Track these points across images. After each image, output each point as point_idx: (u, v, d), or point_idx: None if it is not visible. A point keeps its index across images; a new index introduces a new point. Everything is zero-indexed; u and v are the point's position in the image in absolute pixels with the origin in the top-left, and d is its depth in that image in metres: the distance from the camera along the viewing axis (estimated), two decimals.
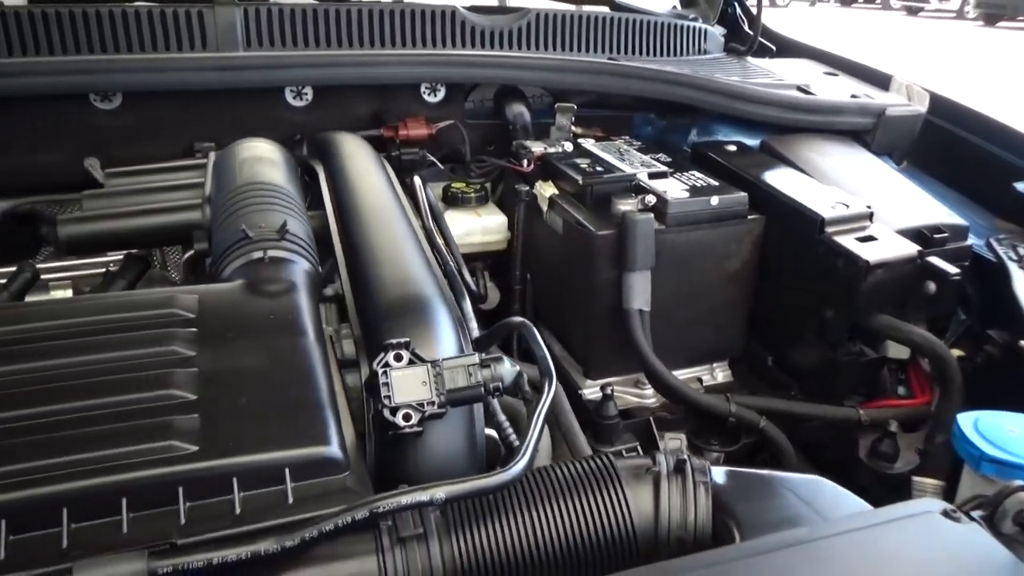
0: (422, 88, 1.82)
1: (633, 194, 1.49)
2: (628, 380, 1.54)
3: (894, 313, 1.37)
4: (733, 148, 1.74)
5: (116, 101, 1.63)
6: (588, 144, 1.74)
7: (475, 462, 0.91)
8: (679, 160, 1.66)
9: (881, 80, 1.97)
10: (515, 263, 1.70)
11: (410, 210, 1.34)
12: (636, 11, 2.08)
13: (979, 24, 16.53)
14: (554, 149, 1.69)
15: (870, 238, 1.38)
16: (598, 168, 1.57)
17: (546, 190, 1.58)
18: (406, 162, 1.73)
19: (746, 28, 2.29)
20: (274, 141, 1.46)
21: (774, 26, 2.36)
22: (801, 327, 1.48)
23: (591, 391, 1.52)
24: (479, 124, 1.91)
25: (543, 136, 1.83)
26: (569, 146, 1.71)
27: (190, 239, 1.17)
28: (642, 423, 1.46)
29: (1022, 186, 1.61)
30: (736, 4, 2.33)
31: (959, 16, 17.35)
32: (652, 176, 1.53)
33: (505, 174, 1.80)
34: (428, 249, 1.20)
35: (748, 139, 1.85)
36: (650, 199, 1.45)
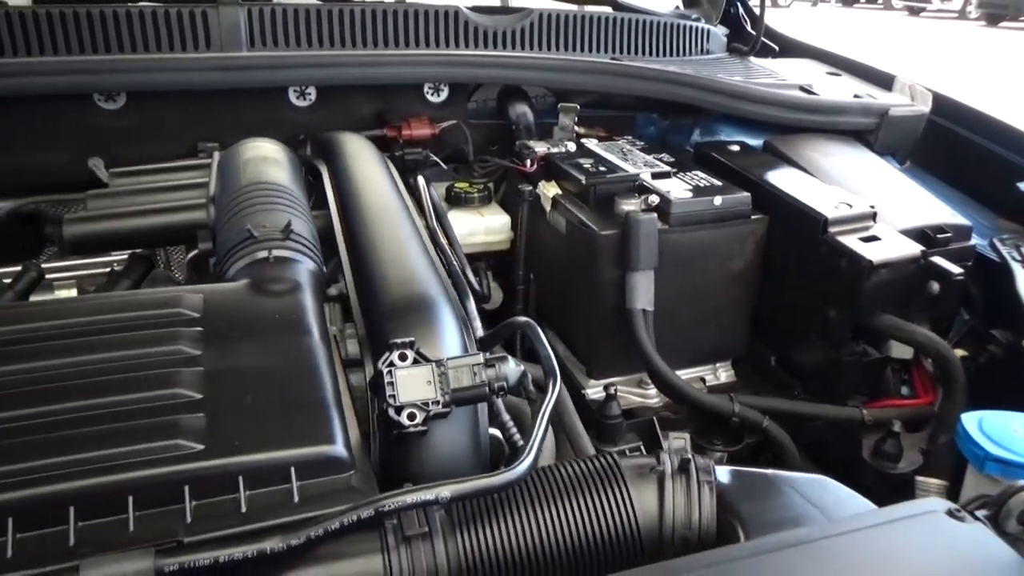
0: (425, 88, 1.83)
1: (636, 194, 1.49)
2: (631, 380, 1.54)
3: (897, 313, 1.37)
4: (736, 148, 1.74)
5: (120, 101, 1.63)
6: (591, 144, 1.74)
7: (479, 461, 0.91)
8: (682, 160, 1.66)
9: (884, 80, 1.96)
10: (518, 263, 1.70)
11: (414, 210, 1.34)
12: (639, 11, 2.08)
13: (981, 24, 16.51)
14: (557, 149, 1.69)
15: (873, 238, 1.38)
16: (601, 168, 1.57)
17: (549, 190, 1.58)
18: (409, 162, 1.73)
19: (749, 28, 2.29)
20: (278, 141, 1.46)
21: (776, 26, 2.36)
22: (804, 327, 1.48)
23: (594, 391, 1.51)
24: (482, 124, 1.91)
25: (546, 136, 1.84)
26: (572, 146, 1.72)
27: (194, 239, 1.17)
28: (645, 423, 1.45)
29: None
30: (739, 4, 2.33)
31: (961, 16, 17.34)
32: (655, 176, 1.53)
33: (508, 174, 1.80)
34: (432, 249, 1.21)
35: (751, 139, 1.85)
36: (653, 199, 1.45)
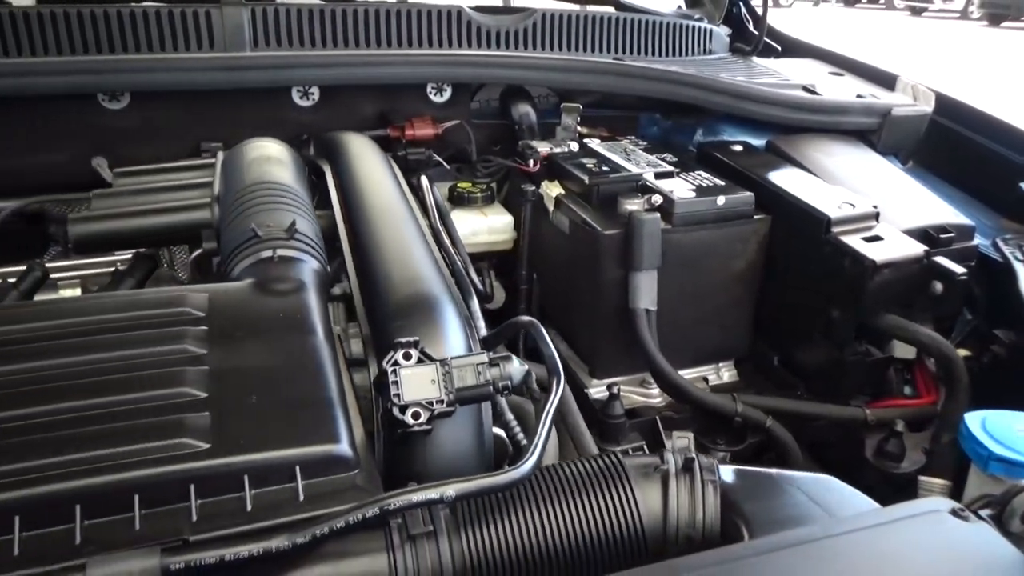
0: (428, 88, 1.83)
1: (639, 194, 1.49)
2: (634, 379, 1.54)
3: (900, 313, 1.37)
4: (739, 148, 1.74)
5: (124, 101, 1.64)
6: (594, 144, 1.74)
7: (483, 461, 0.91)
8: (685, 160, 1.66)
9: (887, 80, 1.96)
10: (521, 263, 1.70)
11: (417, 210, 1.34)
12: (641, 11, 2.08)
13: (983, 24, 16.50)
14: (560, 149, 1.69)
15: (876, 238, 1.38)
16: (604, 168, 1.57)
17: (552, 190, 1.58)
18: (412, 162, 1.73)
19: (751, 28, 2.29)
20: (281, 141, 1.46)
21: (778, 26, 2.36)
22: (807, 327, 1.48)
23: (597, 390, 1.52)
24: (485, 124, 1.92)
25: (549, 136, 1.83)
26: (575, 146, 1.72)
27: (198, 238, 1.17)
28: (648, 422, 1.46)
29: None
30: (741, 4, 2.33)
31: (963, 16, 17.32)
32: (658, 176, 1.53)
33: (511, 174, 1.80)
34: (435, 249, 1.21)
35: (754, 139, 1.85)
36: (656, 199, 1.45)
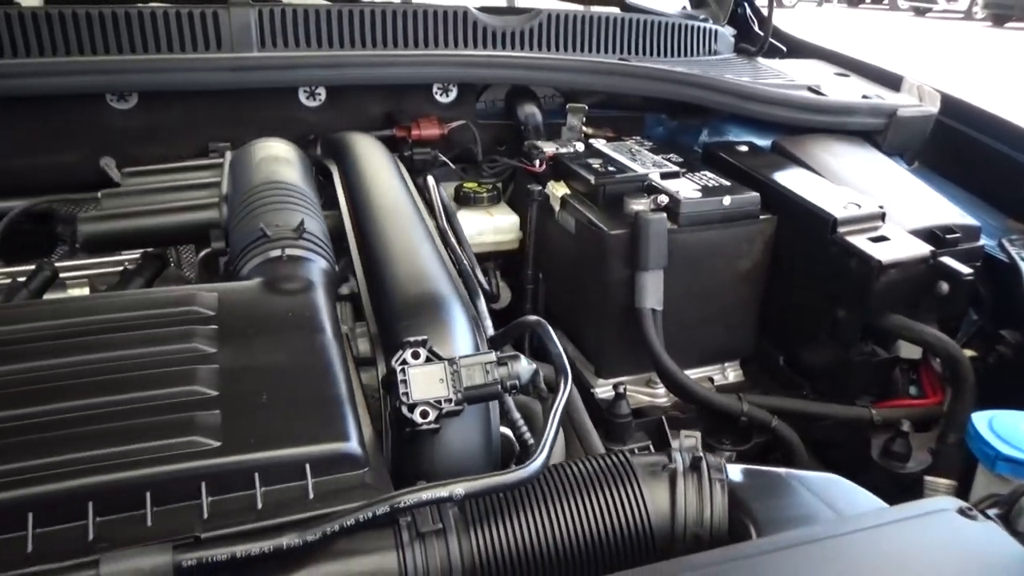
0: (434, 88, 1.83)
1: (645, 194, 1.49)
2: (640, 379, 1.55)
3: (906, 313, 1.37)
4: (744, 148, 1.74)
5: (132, 101, 1.64)
6: (599, 144, 1.75)
7: (491, 459, 0.91)
8: (690, 160, 1.66)
9: (892, 81, 1.96)
10: (527, 263, 1.71)
11: (423, 210, 1.35)
12: (646, 12, 2.08)
13: (987, 25, 16.46)
14: (566, 149, 1.70)
15: (882, 238, 1.38)
16: (610, 168, 1.57)
17: (558, 190, 1.58)
18: (418, 162, 1.74)
19: (756, 29, 2.30)
20: (288, 141, 1.46)
21: (783, 26, 2.36)
22: (813, 327, 1.48)
23: (603, 390, 1.52)
24: (491, 124, 1.92)
25: (554, 136, 1.84)
26: (580, 146, 1.72)
27: (206, 238, 1.18)
28: (654, 422, 1.46)
29: None
30: (746, 5, 2.33)
31: (967, 17, 17.26)
32: (664, 176, 1.54)
33: (517, 174, 1.81)
34: (442, 248, 1.21)
35: (759, 139, 1.85)
36: (662, 199, 1.45)
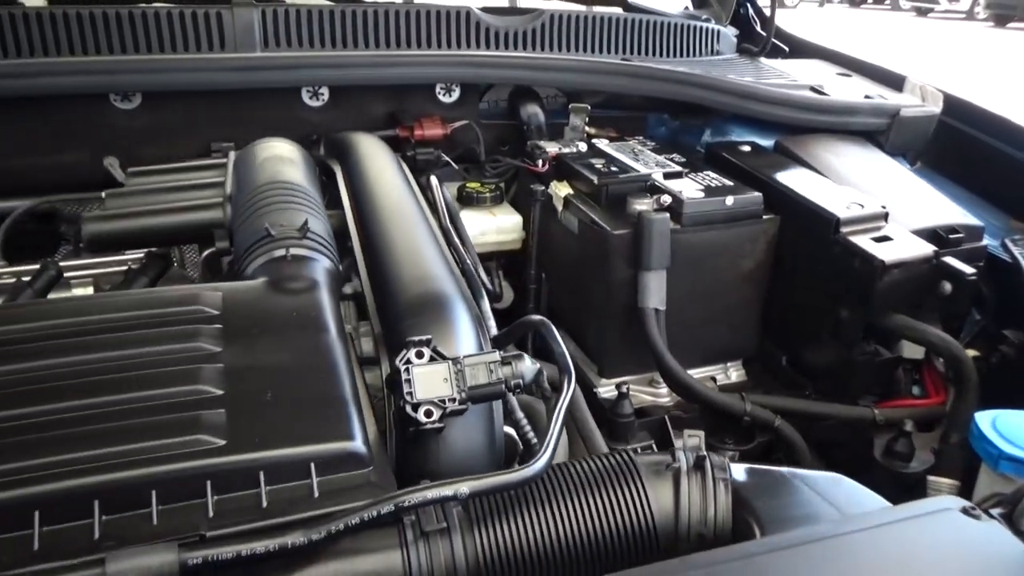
0: (437, 88, 1.84)
1: (648, 194, 1.49)
2: (643, 379, 1.55)
3: (909, 313, 1.37)
4: (747, 148, 1.74)
5: (136, 101, 1.65)
6: (602, 144, 1.75)
7: (494, 459, 0.91)
8: (693, 160, 1.66)
9: (895, 81, 1.96)
10: (530, 262, 1.71)
11: (427, 209, 1.35)
12: (649, 12, 2.08)
13: (989, 25, 16.44)
14: (568, 149, 1.70)
15: (885, 238, 1.38)
16: (613, 168, 1.57)
17: (561, 190, 1.59)
18: (421, 162, 1.74)
19: (759, 29, 2.30)
20: (292, 141, 1.47)
21: (785, 27, 2.36)
22: (816, 327, 1.48)
23: (606, 390, 1.52)
24: (493, 124, 1.92)
25: (557, 136, 1.84)
26: (583, 146, 1.72)
27: (210, 238, 1.18)
28: (657, 422, 1.46)
29: None
30: (748, 5, 2.33)
31: (969, 17, 17.25)
32: (667, 176, 1.54)
33: (520, 174, 1.81)
34: (445, 248, 1.21)
35: (762, 139, 1.85)
36: (665, 199, 1.45)
